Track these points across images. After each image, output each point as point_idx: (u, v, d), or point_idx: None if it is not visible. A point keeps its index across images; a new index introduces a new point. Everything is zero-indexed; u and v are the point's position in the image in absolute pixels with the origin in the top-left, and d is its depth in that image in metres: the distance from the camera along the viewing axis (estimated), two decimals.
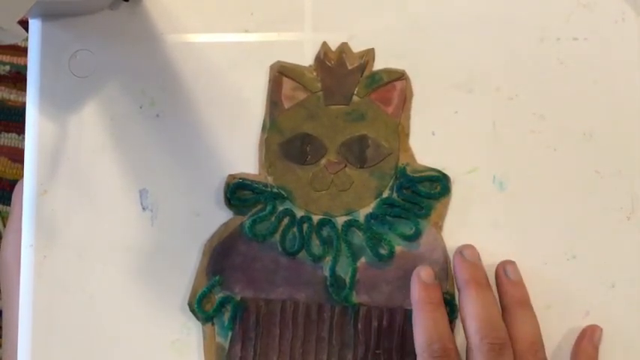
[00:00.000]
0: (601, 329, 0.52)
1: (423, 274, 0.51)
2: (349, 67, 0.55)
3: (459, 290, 0.51)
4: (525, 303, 0.51)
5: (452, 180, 0.54)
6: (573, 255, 0.53)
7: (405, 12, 0.56)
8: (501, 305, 0.51)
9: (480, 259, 0.52)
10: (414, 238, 0.53)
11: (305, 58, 0.55)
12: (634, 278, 0.53)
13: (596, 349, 0.51)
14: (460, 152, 0.54)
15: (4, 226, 0.90)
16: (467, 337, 0.49)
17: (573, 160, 0.54)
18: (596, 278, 0.53)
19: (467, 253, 0.52)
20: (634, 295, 0.53)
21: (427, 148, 0.54)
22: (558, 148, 0.54)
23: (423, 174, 0.53)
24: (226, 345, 0.52)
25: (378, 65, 0.55)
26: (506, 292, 0.51)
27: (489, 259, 0.53)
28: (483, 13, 0.55)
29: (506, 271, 0.52)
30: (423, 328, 0.48)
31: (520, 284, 0.51)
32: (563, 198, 0.54)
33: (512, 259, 0.52)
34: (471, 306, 0.49)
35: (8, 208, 1.02)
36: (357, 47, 0.55)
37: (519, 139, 0.54)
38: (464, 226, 0.54)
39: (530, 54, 0.55)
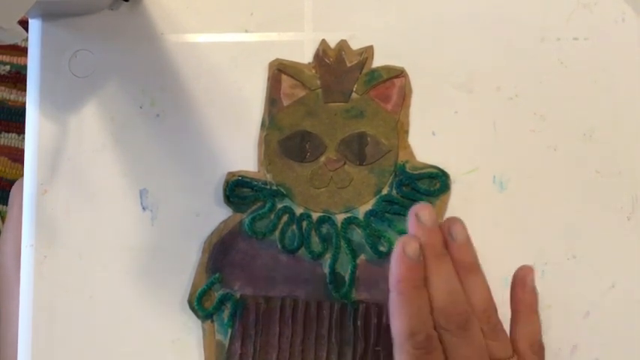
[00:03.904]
0: (532, 270, 0.46)
1: (409, 249, 0.42)
2: (348, 65, 0.55)
3: None
4: (473, 267, 0.45)
5: (452, 180, 0.54)
6: (573, 255, 0.53)
7: (405, 12, 0.56)
8: None
9: (437, 222, 0.44)
10: None
11: (305, 58, 0.55)
12: (634, 278, 0.53)
13: (533, 293, 0.46)
14: (460, 152, 0.54)
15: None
16: (433, 316, 0.43)
17: (573, 160, 0.54)
18: (596, 278, 0.53)
19: (423, 215, 0.43)
20: (634, 295, 0.53)
21: (427, 148, 0.54)
22: (558, 148, 0.54)
23: (422, 171, 0.53)
24: (226, 342, 0.52)
25: (379, 65, 0.55)
26: (453, 256, 0.44)
27: (489, 259, 0.53)
28: (484, 13, 0.55)
29: (452, 232, 0.44)
30: (405, 317, 0.42)
31: (466, 246, 0.44)
32: (563, 198, 0.54)
33: (464, 226, 0.45)
34: (431, 279, 0.43)
35: None
36: (357, 47, 0.55)
37: (519, 139, 0.54)
38: None
39: (530, 54, 0.55)
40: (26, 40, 0.51)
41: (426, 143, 0.54)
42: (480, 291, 0.44)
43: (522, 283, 0.46)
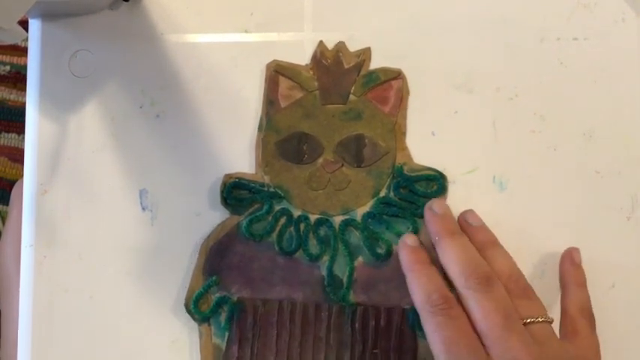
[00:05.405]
0: (577, 249, 0.52)
1: (409, 240, 0.50)
2: (346, 66, 0.54)
3: (434, 245, 0.50)
4: (494, 242, 0.51)
5: (452, 180, 0.54)
6: None
7: (405, 12, 0.56)
8: None
9: (449, 210, 0.51)
10: None
11: (305, 58, 0.55)
12: (634, 278, 0.53)
13: (580, 268, 0.51)
14: (460, 152, 0.54)
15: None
16: (454, 282, 0.48)
17: (573, 160, 0.54)
18: (596, 278, 0.53)
19: (436, 207, 0.51)
20: (634, 295, 0.53)
21: (427, 148, 0.54)
22: (558, 148, 0.54)
23: (419, 173, 0.53)
24: (223, 345, 0.52)
25: (379, 65, 0.55)
26: (473, 238, 0.50)
27: None
28: (483, 13, 0.55)
29: (467, 219, 0.52)
30: (419, 286, 0.48)
31: (484, 227, 0.51)
32: (563, 198, 0.54)
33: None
34: (448, 252, 0.48)
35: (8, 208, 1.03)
36: (356, 48, 0.55)
37: (519, 139, 0.54)
38: None
39: (530, 54, 0.55)
40: (26, 40, 0.51)
41: (426, 143, 0.54)
42: (504, 259, 0.50)
43: (570, 259, 0.51)
